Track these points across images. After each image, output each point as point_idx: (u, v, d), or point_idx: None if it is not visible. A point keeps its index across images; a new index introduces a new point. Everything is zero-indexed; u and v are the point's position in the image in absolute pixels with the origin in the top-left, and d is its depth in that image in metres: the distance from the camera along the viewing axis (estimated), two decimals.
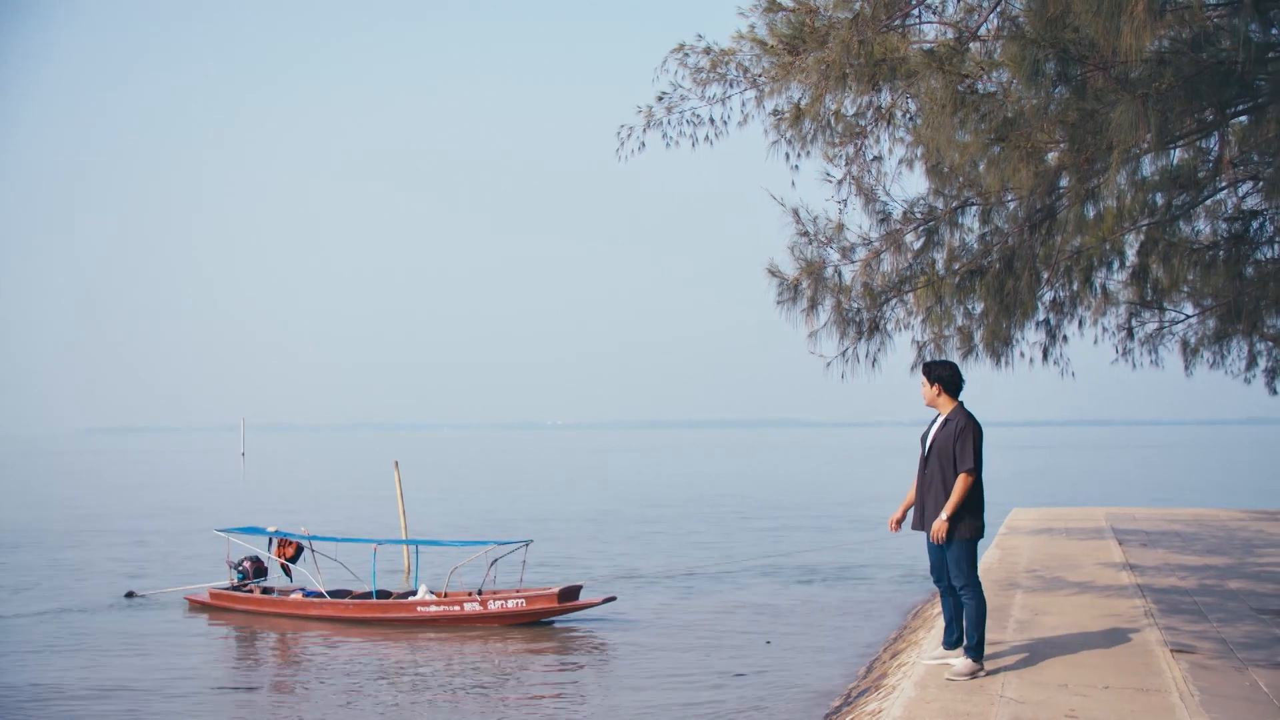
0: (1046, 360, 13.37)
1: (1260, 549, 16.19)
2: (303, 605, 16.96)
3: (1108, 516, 21.54)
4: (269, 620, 16.91)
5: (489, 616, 15.89)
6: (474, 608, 15.95)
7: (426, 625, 16.03)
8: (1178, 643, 9.16)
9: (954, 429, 7.95)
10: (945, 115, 8.71)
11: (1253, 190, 12.14)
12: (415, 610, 16.23)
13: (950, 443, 7.91)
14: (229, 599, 17.73)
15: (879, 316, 11.76)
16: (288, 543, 18.09)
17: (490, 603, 15.91)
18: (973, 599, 7.94)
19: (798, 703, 11.32)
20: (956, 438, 7.90)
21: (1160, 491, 44.67)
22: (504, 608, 15.85)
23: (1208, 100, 8.24)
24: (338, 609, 16.68)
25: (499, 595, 16.04)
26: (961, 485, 7.83)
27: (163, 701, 11.98)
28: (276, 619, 16.93)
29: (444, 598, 16.33)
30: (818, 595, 18.85)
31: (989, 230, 11.55)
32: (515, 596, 15.99)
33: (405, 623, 16.17)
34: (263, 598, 17.48)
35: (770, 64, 9.95)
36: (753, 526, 31.92)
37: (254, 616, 17.17)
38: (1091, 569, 13.76)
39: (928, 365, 8.31)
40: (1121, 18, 6.81)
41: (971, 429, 7.92)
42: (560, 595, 15.86)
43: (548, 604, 15.83)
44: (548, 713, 11.45)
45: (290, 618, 16.89)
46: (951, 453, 7.89)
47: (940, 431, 8.01)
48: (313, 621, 16.60)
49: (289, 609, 17.06)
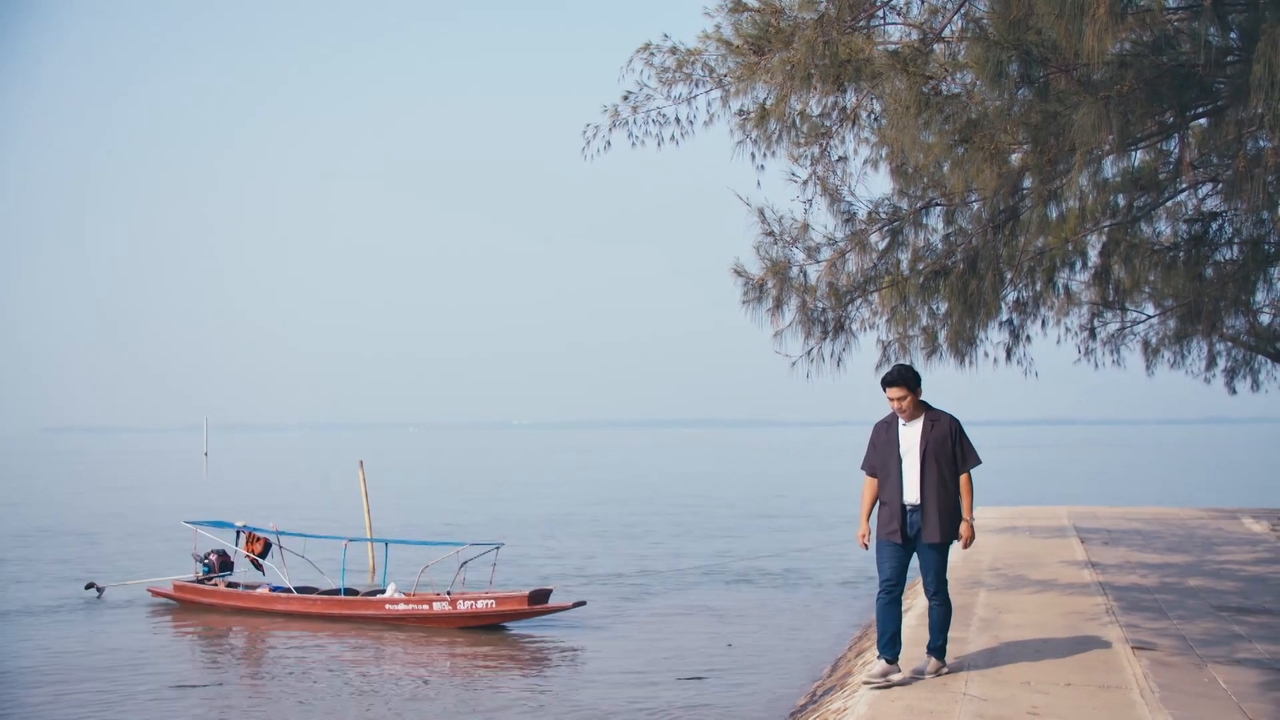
0: (1010, 360, 13.47)
1: (1219, 547, 16.36)
2: (269, 600, 16.80)
3: (1070, 515, 21.71)
4: (234, 615, 16.75)
5: (458, 617, 15.81)
6: (443, 608, 15.87)
7: (394, 624, 15.94)
8: (1138, 640, 9.24)
9: (947, 429, 7.80)
10: (910, 116, 8.75)
11: (1212, 192, 12.27)
12: (383, 609, 16.15)
13: (948, 444, 7.77)
14: (193, 592, 17.54)
15: (844, 316, 11.80)
16: (256, 538, 17.93)
17: (460, 603, 15.83)
18: (946, 603, 7.92)
19: (762, 703, 11.34)
20: (955, 439, 7.79)
21: (1122, 490, 45.05)
22: (474, 609, 15.77)
23: (1168, 103, 8.31)
24: (304, 605, 16.53)
25: (468, 596, 15.95)
26: (969, 485, 7.84)
27: (122, 698, 11.85)
28: (242, 614, 16.78)
29: (412, 597, 16.24)
30: (778, 596, 18.88)
31: (953, 231, 11.62)
32: (485, 598, 15.92)
33: (373, 621, 16.09)
34: (228, 591, 17.29)
35: (736, 64, 9.97)
36: (713, 527, 31.95)
37: (218, 611, 17.01)
38: (1054, 567, 13.86)
39: (906, 375, 7.86)
40: (1084, 20, 6.86)
41: (961, 427, 7.86)
42: (531, 598, 15.79)
43: (518, 606, 15.76)
44: (510, 716, 11.42)
45: (256, 613, 16.73)
46: (951, 453, 7.77)
47: (931, 434, 7.78)
48: (279, 617, 16.45)
49: (255, 604, 16.89)
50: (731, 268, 11.55)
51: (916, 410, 7.87)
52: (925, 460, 7.75)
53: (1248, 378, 20.14)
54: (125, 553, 25.32)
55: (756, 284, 11.45)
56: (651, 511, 37.37)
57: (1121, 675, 8.00)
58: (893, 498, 7.86)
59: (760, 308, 11.53)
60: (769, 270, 11.43)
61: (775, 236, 11.46)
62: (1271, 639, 9.41)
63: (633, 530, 30.99)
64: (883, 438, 8.00)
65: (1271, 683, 7.89)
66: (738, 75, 9.94)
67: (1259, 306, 18.27)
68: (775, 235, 11.46)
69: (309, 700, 11.80)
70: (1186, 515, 22.08)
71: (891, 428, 7.97)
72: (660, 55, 10.59)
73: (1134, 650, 8.81)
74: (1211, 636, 9.50)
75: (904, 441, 7.87)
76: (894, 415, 7.97)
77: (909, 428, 7.88)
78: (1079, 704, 7.20)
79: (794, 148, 10.74)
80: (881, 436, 8.01)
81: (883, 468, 7.95)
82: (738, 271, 11.52)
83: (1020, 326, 13.33)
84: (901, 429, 7.92)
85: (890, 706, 7.24)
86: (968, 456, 7.82)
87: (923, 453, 7.76)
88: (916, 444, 7.80)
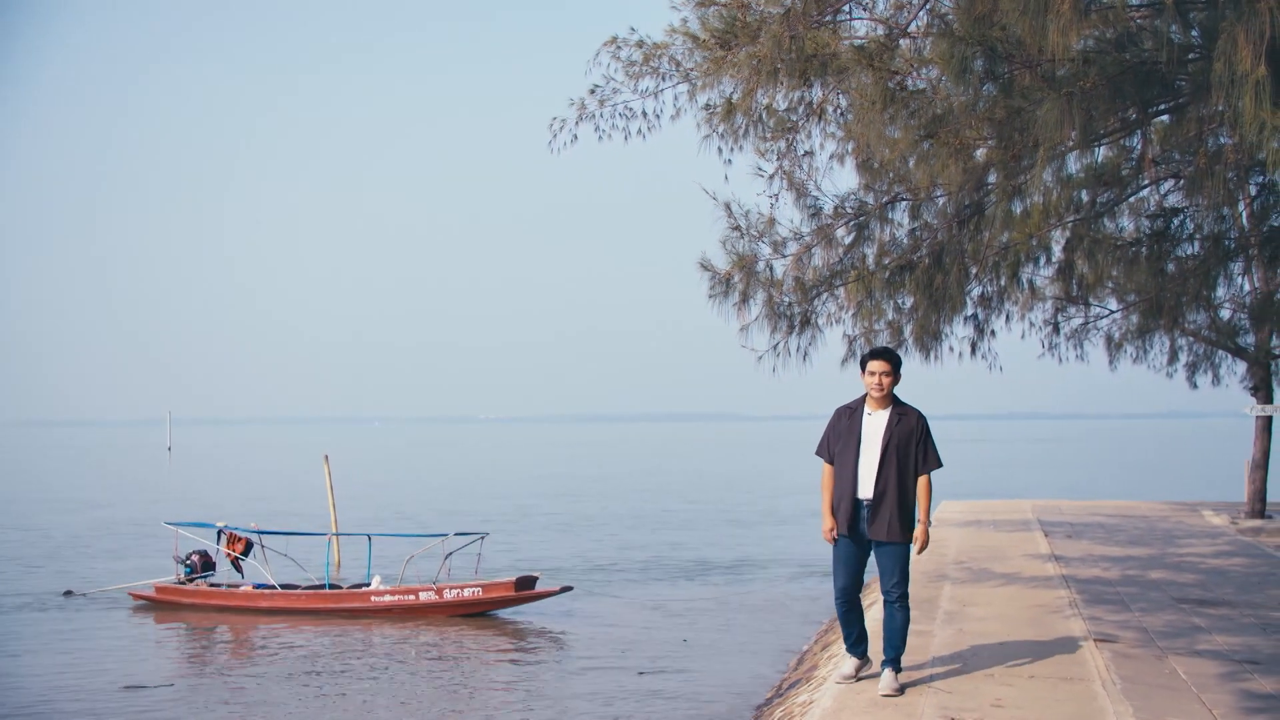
0: (975, 354, 13.53)
1: (1180, 540, 16.53)
2: (253, 598, 16.68)
3: (1034, 509, 21.88)
4: (219, 614, 16.59)
5: (445, 606, 15.80)
6: (429, 598, 15.86)
7: (381, 615, 15.90)
8: (1101, 632, 9.32)
9: (914, 425, 7.39)
10: (876, 111, 8.77)
11: (1174, 188, 12.36)
12: (369, 601, 16.08)
13: (912, 441, 7.35)
14: (176, 594, 17.35)
15: (810, 311, 11.82)
16: (237, 538, 17.79)
17: (446, 592, 15.83)
18: (906, 609, 7.46)
19: (728, 696, 11.37)
20: (920, 437, 7.38)
21: (1085, 484, 45.45)
22: (460, 597, 15.77)
23: (1131, 99, 8.36)
24: (290, 600, 16.44)
25: (455, 586, 15.98)
26: (928, 487, 7.42)
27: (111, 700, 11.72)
28: (226, 613, 16.62)
29: (398, 588, 16.20)
30: (742, 588, 18.95)
31: (919, 225, 11.65)
32: (471, 586, 15.95)
33: (359, 614, 16.01)
34: (211, 590, 17.15)
35: (702, 58, 9.95)
36: (675, 520, 32.00)
37: (203, 611, 16.85)
38: (1018, 560, 13.96)
39: (894, 352, 7.61)
40: (1048, 16, 6.89)
41: (928, 425, 7.46)
42: (517, 584, 15.84)
43: (504, 593, 15.80)
44: (490, 708, 11.40)
45: (241, 611, 16.59)
46: (912, 452, 7.34)
47: (897, 427, 7.36)
48: (264, 614, 16.32)
49: (239, 602, 16.75)
50: (698, 262, 11.55)
51: (887, 399, 7.46)
52: (886, 453, 7.32)
53: (1209, 372, 20.37)
54: (94, 553, 25.05)
55: (723, 278, 11.45)
56: (615, 505, 37.36)
57: (1084, 667, 8.06)
58: (845, 490, 7.42)
59: (726, 302, 11.52)
60: (735, 264, 11.43)
61: (742, 231, 11.46)
62: (1230, 631, 9.51)
63: (594, 522, 31.02)
64: (844, 424, 7.53)
65: (1230, 674, 7.98)
66: (704, 69, 9.92)
67: (1220, 302, 18.48)
68: (742, 229, 11.45)
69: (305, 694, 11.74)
70: (1148, 509, 22.29)
71: (855, 415, 7.52)
72: (627, 49, 10.56)
73: (1096, 643, 8.89)
74: (1172, 629, 9.60)
75: (866, 431, 7.43)
76: (859, 402, 7.55)
77: (873, 417, 7.45)
78: (1042, 696, 7.25)
79: (760, 142, 10.74)
80: (843, 423, 7.55)
81: (839, 456, 7.49)
82: (704, 266, 11.51)
83: (985, 321, 13.40)
84: (865, 418, 7.48)
85: (855, 699, 7.28)
86: (929, 457, 7.39)
87: (885, 445, 7.33)
88: (880, 435, 7.37)
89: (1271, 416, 19.37)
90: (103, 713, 11.20)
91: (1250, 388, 19.54)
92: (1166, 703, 7.16)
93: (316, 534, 18.95)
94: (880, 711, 6.94)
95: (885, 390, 7.44)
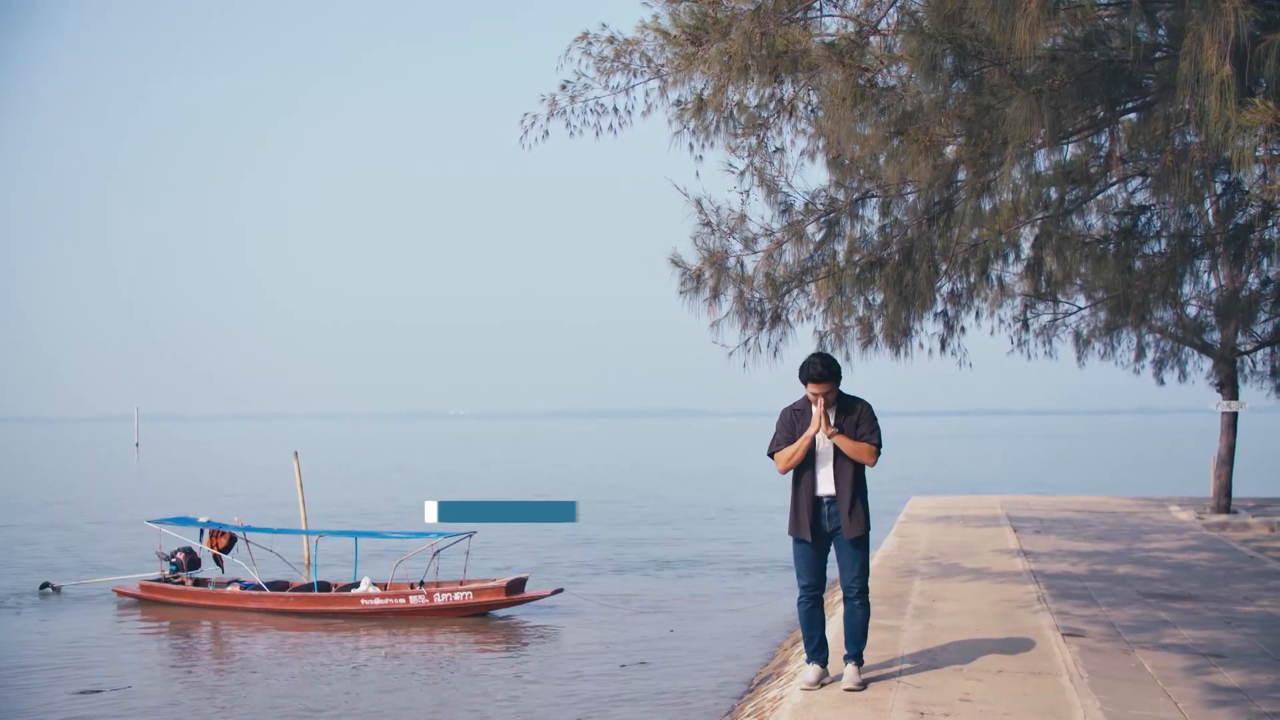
0: (945, 351, 13.60)
1: (1147, 535, 16.67)
2: (241, 598, 16.54)
3: (1003, 505, 22.01)
4: (206, 613, 16.44)
5: (436, 610, 15.70)
6: (419, 600, 15.73)
7: (371, 619, 15.77)
8: (1068, 627, 9.38)
9: (861, 414, 7.32)
10: (846, 108, 8.80)
11: (1141, 186, 12.47)
12: (359, 603, 15.95)
13: (854, 430, 7.29)
14: (162, 591, 17.20)
15: (781, 307, 11.85)
16: (220, 533, 17.66)
17: (437, 595, 15.71)
18: (866, 605, 7.44)
19: (702, 693, 11.40)
20: (865, 421, 7.30)
21: (1054, 480, 45.76)
22: (451, 601, 15.67)
23: (1099, 97, 8.42)
24: (278, 601, 16.30)
25: (445, 587, 15.86)
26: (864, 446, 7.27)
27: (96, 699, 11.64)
28: (214, 612, 16.47)
29: (386, 590, 16.10)
30: (716, 583, 19.00)
31: (889, 222, 11.70)
32: (462, 589, 15.85)
33: (349, 616, 15.89)
34: (198, 590, 17.01)
35: (674, 54, 9.96)
36: (651, 517, 32.03)
37: (189, 609, 16.69)
38: (987, 556, 14.04)
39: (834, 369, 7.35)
40: (1016, 15, 6.92)
41: (873, 410, 7.38)
42: (508, 588, 15.77)
43: (496, 596, 15.70)
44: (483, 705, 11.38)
45: (229, 610, 16.45)
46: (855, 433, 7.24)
47: (845, 422, 7.30)
48: (252, 614, 16.18)
49: (227, 601, 16.60)
50: (669, 258, 11.56)
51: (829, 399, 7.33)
52: (839, 449, 7.30)
53: (1175, 369, 20.55)
54: (64, 550, 24.85)
55: (694, 274, 11.46)
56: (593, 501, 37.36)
57: (1052, 661, 8.12)
58: (805, 490, 7.38)
59: (697, 298, 11.54)
60: (706, 260, 11.45)
61: (713, 227, 11.47)
62: (1196, 625, 9.60)
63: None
64: (793, 425, 7.45)
65: (1195, 667, 8.05)
66: (675, 66, 9.93)
67: (1186, 299, 18.64)
68: (713, 226, 11.47)
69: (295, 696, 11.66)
70: (1116, 504, 22.47)
71: (804, 415, 7.43)
72: (598, 45, 10.55)
73: (1064, 637, 8.95)
74: (1139, 623, 9.68)
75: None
76: (804, 403, 7.45)
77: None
78: (1010, 690, 7.30)
79: (731, 139, 10.75)
80: (792, 424, 7.46)
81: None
82: (675, 262, 11.52)
83: (955, 318, 13.47)
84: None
85: (825, 695, 7.30)
86: (871, 434, 7.28)
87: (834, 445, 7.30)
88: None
89: (1237, 412, 19.55)
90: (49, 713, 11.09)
91: (1216, 384, 19.72)
92: (1133, 696, 7.22)
93: (302, 531, 18.82)
94: (850, 707, 6.96)
95: (829, 404, 7.33)
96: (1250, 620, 9.84)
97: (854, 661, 7.47)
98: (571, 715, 10.74)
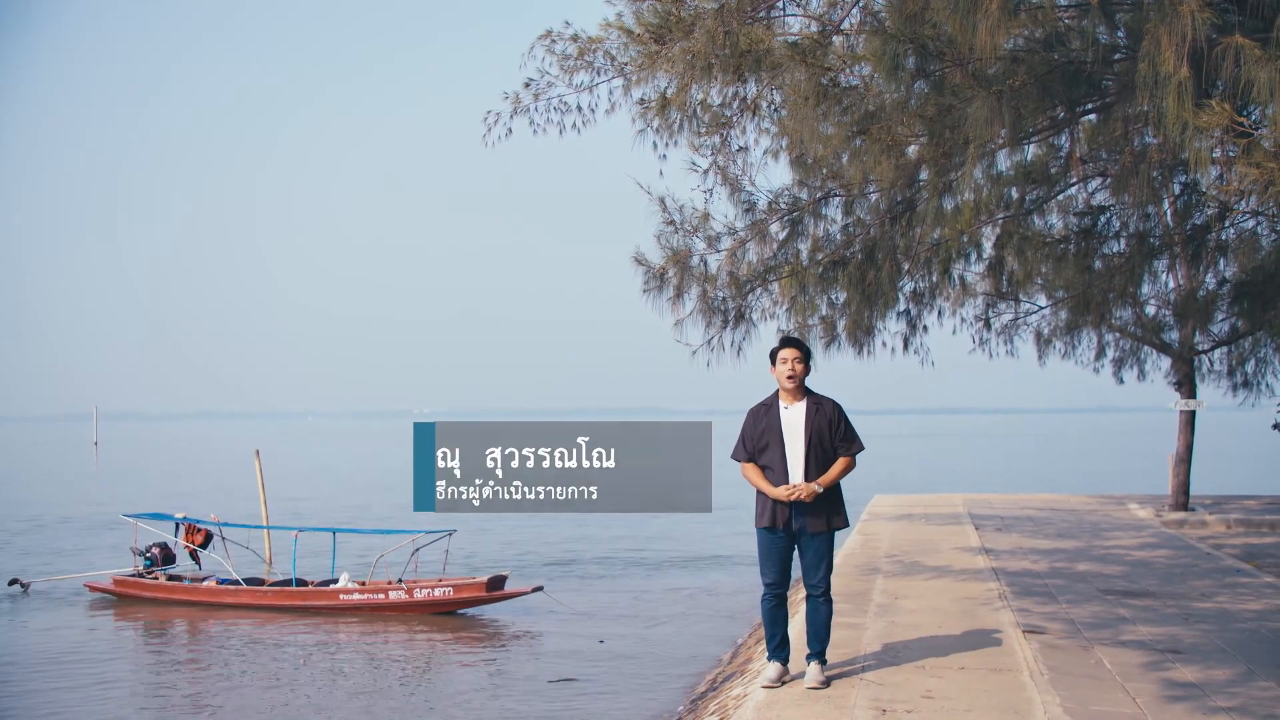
0: (907, 350, 13.68)
1: (1107, 532, 16.81)
2: (217, 593, 16.41)
3: (965, 503, 22.13)
4: (182, 609, 16.30)
5: (415, 606, 15.66)
6: (399, 596, 15.69)
7: (349, 613, 15.72)
8: (1029, 624, 9.45)
9: (831, 413, 7.28)
10: (809, 107, 8.82)
11: (1101, 186, 12.58)
12: (338, 598, 15.89)
13: (830, 431, 7.24)
14: (135, 586, 17.03)
15: (744, 305, 11.88)
16: (196, 529, 17.51)
17: (417, 591, 15.67)
18: (830, 602, 7.40)
19: (662, 691, 11.40)
20: (839, 425, 7.28)
21: (1015, 478, 46.09)
22: (431, 597, 15.63)
23: (1059, 98, 8.49)
24: (255, 597, 16.18)
25: (425, 584, 15.83)
26: (847, 464, 7.26)
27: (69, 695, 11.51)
28: (190, 608, 16.32)
29: (367, 586, 16.02)
30: (680, 580, 19.03)
31: (851, 221, 11.75)
32: (442, 585, 15.81)
33: (327, 611, 15.82)
34: (172, 585, 16.85)
35: (637, 53, 9.97)
36: (613, 519, 31.99)
37: (164, 605, 16.54)
38: (949, 553, 14.11)
39: (801, 344, 7.44)
40: (977, 15, 6.97)
41: (844, 411, 7.36)
42: (488, 584, 15.76)
43: (476, 593, 15.69)
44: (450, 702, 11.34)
45: (205, 606, 16.30)
46: (832, 439, 7.24)
47: (816, 417, 7.24)
48: (229, 610, 16.06)
49: (203, 597, 16.46)
50: (633, 256, 11.56)
51: (800, 390, 7.34)
52: (810, 445, 7.22)
53: (1134, 368, 20.73)
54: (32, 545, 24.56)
55: (657, 273, 11.47)
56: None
57: (1013, 658, 8.17)
58: (776, 480, 7.27)
59: (661, 296, 11.55)
60: (670, 259, 11.46)
61: (676, 225, 11.49)
62: (1154, 621, 9.69)
63: (530, 521, 30.89)
64: (763, 422, 7.38)
65: (1153, 663, 8.13)
66: (639, 64, 9.94)
67: (1145, 298, 18.84)
68: (676, 224, 11.49)
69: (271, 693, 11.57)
70: (1076, 502, 22.65)
71: (771, 410, 7.37)
72: (562, 43, 10.55)
73: (1025, 634, 9.01)
74: (1098, 620, 9.76)
75: (786, 425, 7.31)
76: (772, 398, 7.40)
77: (791, 411, 7.33)
78: (972, 687, 7.34)
79: (695, 137, 10.77)
80: (761, 421, 7.39)
81: (764, 454, 7.34)
82: (639, 260, 11.53)
83: (917, 317, 13.55)
84: (783, 411, 7.34)
85: (788, 693, 7.31)
86: (853, 440, 7.32)
87: (808, 438, 7.23)
88: (801, 428, 7.26)
89: (1195, 411, 19.75)
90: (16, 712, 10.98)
91: (1174, 383, 19.90)
92: (1092, 692, 7.28)
93: (282, 528, 18.70)
94: (813, 704, 6.98)
95: (798, 379, 7.31)
96: (1207, 616, 9.94)
97: (817, 659, 7.44)
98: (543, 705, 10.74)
